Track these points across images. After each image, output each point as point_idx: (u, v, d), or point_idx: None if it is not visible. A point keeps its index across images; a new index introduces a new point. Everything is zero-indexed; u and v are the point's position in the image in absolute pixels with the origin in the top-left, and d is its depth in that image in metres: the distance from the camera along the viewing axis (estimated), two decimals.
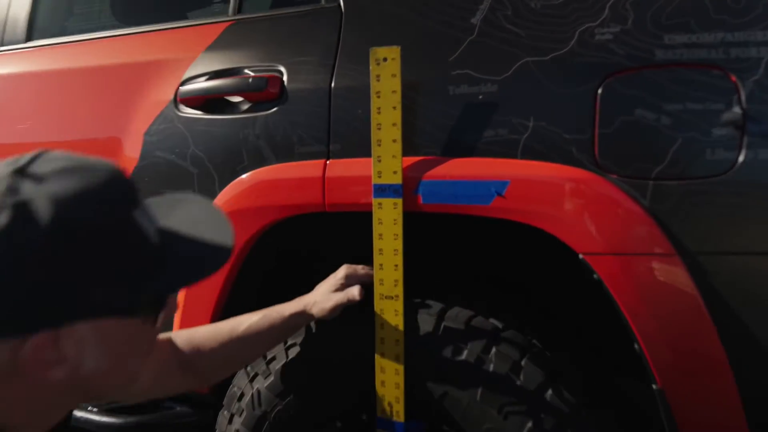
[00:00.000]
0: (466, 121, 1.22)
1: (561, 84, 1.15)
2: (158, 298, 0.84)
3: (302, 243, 1.60)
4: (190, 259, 0.85)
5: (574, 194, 1.13)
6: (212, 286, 1.47)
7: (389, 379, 1.29)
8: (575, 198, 1.13)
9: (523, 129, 1.17)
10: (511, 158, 1.18)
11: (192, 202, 0.96)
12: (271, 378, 1.39)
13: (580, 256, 1.14)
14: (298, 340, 1.38)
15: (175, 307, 0.92)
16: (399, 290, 1.26)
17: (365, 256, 1.30)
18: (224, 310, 1.50)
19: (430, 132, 1.25)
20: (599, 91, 1.12)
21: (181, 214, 0.90)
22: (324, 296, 1.27)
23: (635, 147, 1.11)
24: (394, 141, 1.22)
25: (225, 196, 1.44)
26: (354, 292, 1.25)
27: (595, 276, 1.13)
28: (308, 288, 1.35)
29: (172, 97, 1.53)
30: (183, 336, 1.26)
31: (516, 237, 1.49)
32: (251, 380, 1.42)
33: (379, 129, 1.23)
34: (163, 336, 1.24)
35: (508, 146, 1.18)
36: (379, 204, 1.25)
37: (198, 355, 1.24)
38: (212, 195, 1.46)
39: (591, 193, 1.12)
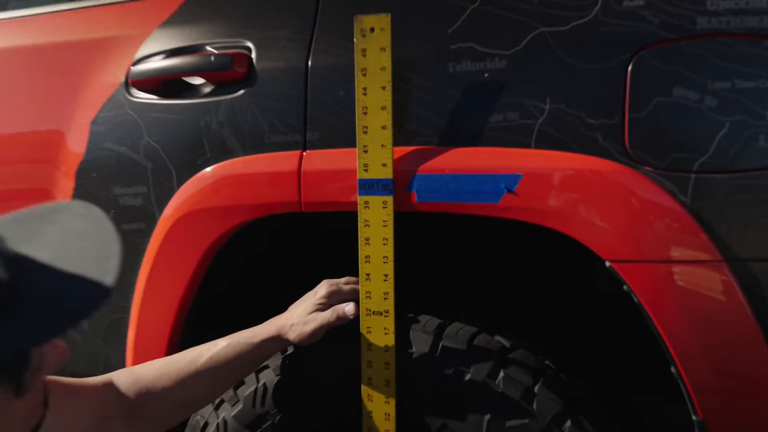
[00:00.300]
0: (469, 104, 1.02)
1: (583, 59, 0.97)
2: (11, 356, 0.62)
3: (275, 249, 1.39)
4: (52, 299, 0.62)
5: (600, 190, 0.95)
6: (169, 302, 1.26)
7: (378, 409, 1.09)
8: (601, 195, 0.95)
9: (537, 113, 0.98)
10: (523, 148, 0.99)
11: (66, 217, 0.72)
12: (240, 406, 1.19)
13: (607, 263, 0.95)
14: (272, 362, 1.18)
15: (50, 366, 0.70)
16: (389, 305, 1.07)
17: (350, 265, 1.11)
18: (184, 331, 1.29)
19: (426, 117, 1.05)
20: (629, 67, 0.94)
21: (48, 236, 0.67)
22: (302, 317, 1.07)
23: (673, 134, 0.93)
24: (384, 128, 1.03)
25: (184, 193, 1.23)
26: (345, 309, 1.06)
27: (624, 287, 0.95)
28: (284, 301, 1.15)
29: (122, 79, 1.32)
30: (126, 376, 1.05)
31: (522, 239, 1.31)
32: (216, 408, 1.22)
33: (365, 113, 1.04)
34: (98, 379, 1.03)
35: (519, 133, 0.99)
36: (366, 203, 1.05)
37: (148, 397, 1.03)
38: (169, 192, 1.25)
39: (620, 189, 0.94)
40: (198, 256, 1.23)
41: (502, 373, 1.05)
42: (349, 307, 1.06)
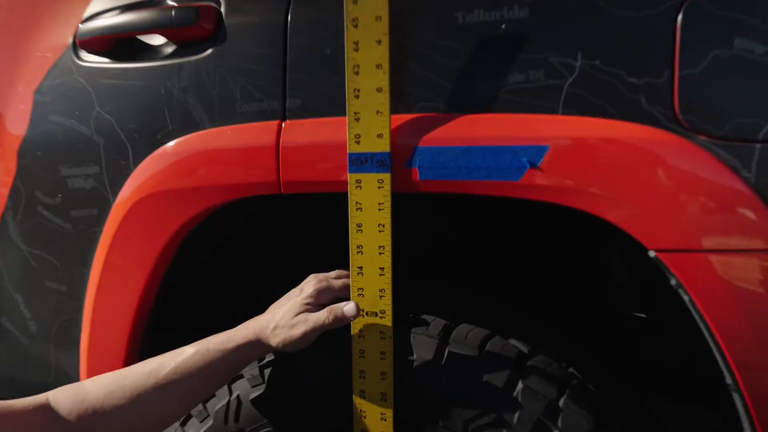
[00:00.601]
0: (482, 62, 0.85)
1: (623, 4, 0.79)
2: None
3: (251, 237, 1.21)
4: None
5: (644, 164, 0.78)
6: (127, 300, 1.08)
7: (373, 427, 0.92)
8: (645, 170, 0.78)
9: (566, 71, 0.81)
10: (549, 113, 0.82)
11: None
12: (210, 422, 1.01)
13: (652, 253, 0.78)
14: (247, 371, 1.00)
15: None
16: (386, 303, 0.89)
17: (340, 257, 0.93)
18: (146, 334, 1.11)
19: (430, 78, 0.87)
20: (680, 13, 0.77)
21: None
22: (287, 319, 0.89)
23: (734, 95, 0.76)
24: (379, 90, 0.85)
25: (142, 173, 1.04)
26: (344, 309, 0.89)
27: (672, 281, 0.78)
28: (265, 301, 0.97)
29: (69, 41, 1.13)
30: (68, 395, 0.86)
31: (528, 223, 1.15)
32: (183, 424, 1.04)
33: (357, 73, 0.86)
34: (29, 401, 0.84)
35: (544, 96, 0.82)
36: (357, 182, 0.87)
37: (96, 419, 0.85)
38: (124, 172, 1.07)
39: (668, 163, 0.77)
40: (159, 246, 1.04)
41: (520, 385, 0.88)
42: (349, 307, 0.89)
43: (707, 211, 0.76)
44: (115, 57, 1.09)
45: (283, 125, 0.94)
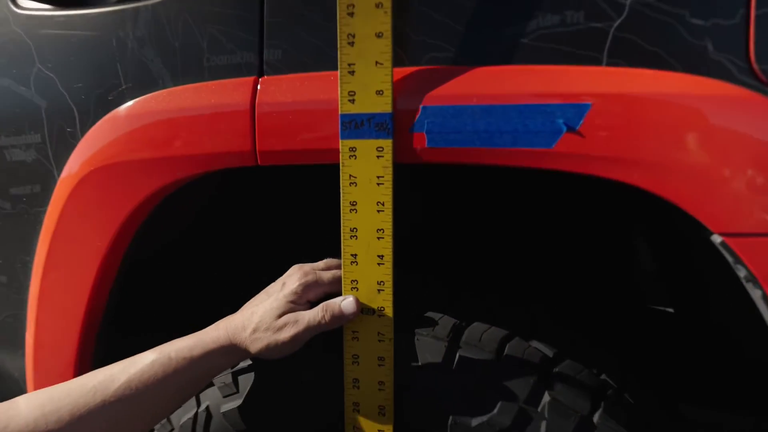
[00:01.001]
0: (507, 0, 0.68)
1: None
2: None
3: (225, 217, 1.05)
4: None
5: (711, 128, 0.62)
6: (77, 292, 0.91)
7: None
8: (712, 134, 0.62)
9: (612, 11, 0.65)
10: (590, 64, 0.66)
11: None
12: None
13: (717, 238, 0.63)
14: (218, 380, 0.84)
15: None
16: (386, 299, 0.74)
17: (329, 242, 0.77)
18: (101, 333, 0.94)
19: (441, 21, 0.71)
20: None
21: None
22: (269, 320, 0.74)
23: None
24: (380, 36, 0.68)
25: (91, 142, 0.87)
26: (342, 305, 0.74)
27: (742, 273, 0.63)
28: (240, 296, 0.81)
29: None
30: None
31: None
32: None
33: (351, 15, 0.69)
34: None
35: (585, 43, 0.66)
36: (352, 150, 0.71)
37: None
38: (71, 141, 0.89)
39: (741, 124, 0.61)
40: (113, 229, 0.88)
41: (547, 397, 0.73)
42: (347, 302, 0.73)
43: None
44: (58, 2, 0.91)
45: (259, 82, 0.78)
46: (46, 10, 0.91)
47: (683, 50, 0.63)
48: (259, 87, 0.77)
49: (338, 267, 0.79)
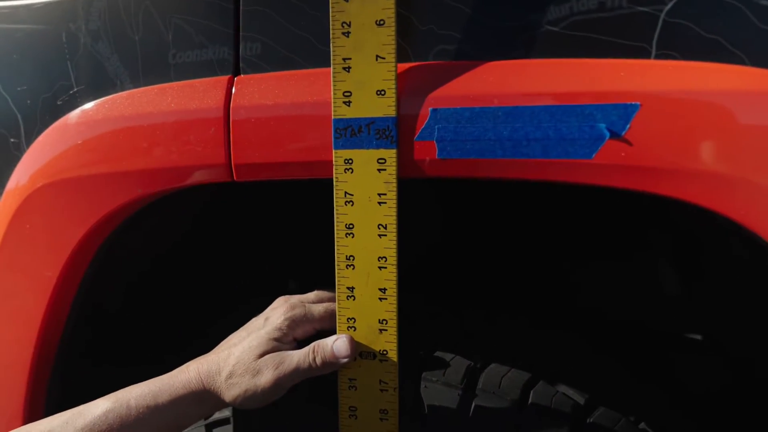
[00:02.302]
0: None
1: None
2: None
3: (197, 240, 0.92)
4: None
5: None
6: (25, 324, 0.78)
7: None
8: None
9: None
10: (637, 56, 0.54)
11: None
12: None
13: None
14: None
15: None
16: (388, 340, 0.61)
17: (321, 271, 0.65)
18: (56, 370, 0.81)
19: (450, 5, 0.59)
20: None
21: None
22: (247, 362, 0.62)
23: None
24: (381, 24, 0.56)
25: (38, 154, 0.74)
26: (335, 345, 0.62)
27: None
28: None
29: None
30: None
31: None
32: None
33: (347, 0, 0.57)
34: None
35: (629, 31, 0.55)
36: (347, 162, 0.59)
37: None
38: (14, 153, 0.76)
39: None
40: (65, 253, 0.75)
41: None
42: (340, 342, 0.62)
43: None
44: None
45: (234, 82, 0.65)
46: None
47: (750, 39, 0.52)
48: (234, 88, 0.65)
49: (331, 300, 0.67)
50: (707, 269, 0.93)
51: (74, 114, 0.72)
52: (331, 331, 0.64)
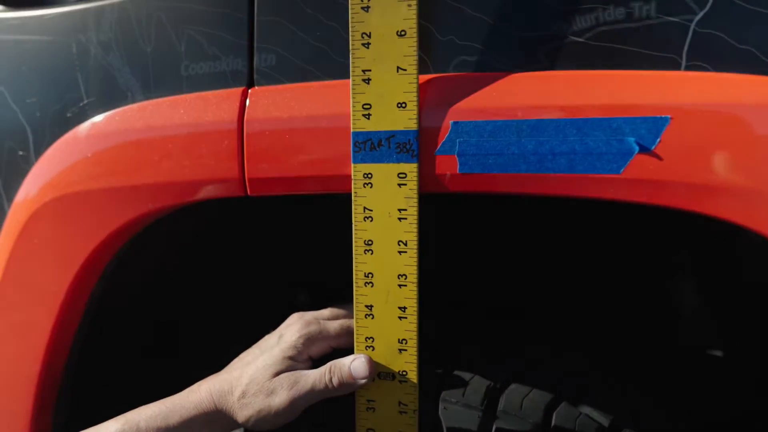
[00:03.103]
0: None
1: None
2: None
3: (210, 256, 0.90)
4: None
5: None
6: (32, 344, 0.76)
7: None
8: None
9: (693, 1, 0.52)
10: (666, 67, 0.53)
11: None
12: None
13: None
14: None
15: None
16: (408, 360, 0.60)
17: (339, 288, 0.64)
18: (63, 391, 0.79)
19: (471, 15, 0.57)
20: None
21: None
22: (261, 381, 0.60)
23: None
24: (402, 35, 0.55)
25: (46, 168, 0.73)
26: (352, 366, 0.60)
27: None
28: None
29: None
30: None
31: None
32: None
33: (367, 9, 0.55)
34: None
35: (658, 41, 0.53)
36: (367, 176, 0.57)
37: None
38: (23, 166, 0.75)
39: None
40: (72, 271, 0.73)
41: None
42: (358, 363, 0.60)
43: None
44: (8, 1, 0.77)
45: (248, 94, 0.64)
46: None
47: None
48: (248, 100, 0.64)
49: (347, 316, 0.65)
50: (731, 287, 0.91)
51: (84, 127, 0.71)
52: (348, 349, 0.62)
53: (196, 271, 0.91)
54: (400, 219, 0.57)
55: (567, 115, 0.53)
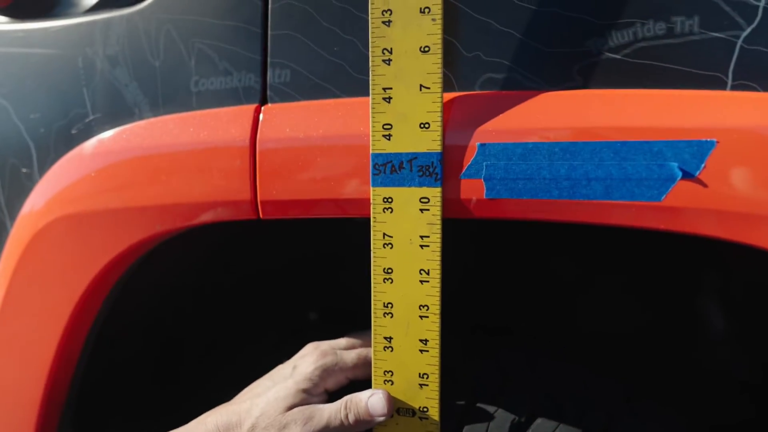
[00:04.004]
0: (590, 3, 0.52)
1: None
2: None
3: (220, 280, 0.87)
4: None
5: None
6: (33, 370, 0.73)
7: None
8: None
9: (739, 16, 0.48)
10: (710, 87, 0.49)
11: None
12: None
13: None
14: None
15: None
16: (429, 396, 0.56)
17: (355, 316, 0.60)
18: (64, 420, 0.76)
19: (499, 30, 0.54)
20: None
21: None
22: (273, 414, 0.57)
23: None
24: (425, 51, 0.51)
25: (50, 186, 0.70)
26: (370, 401, 0.57)
27: None
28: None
29: None
30: None
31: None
32: None
33: (388, 24, 0.52)
34: None
35: (701, 58, 0.49)
36: (387, 200, 0.54)
37: None
38: (27, 182, 0.72)
39: None
40: (78, 292, 0.70)
41: None
42: (376, 399, 0.56)
43: None
44: (13, 13, 0.74)
45: (261, 111, 0.61)
46: (1, 24, 0.74)
47: None
48: (261, 118, 0.60)
49: (364, 345, 0.61)
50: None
51: (90, 143, 0.68)
52: (365, 382, 0.59)
53: (203, 293, 0.88)
54: (421, 246, 0.53)
55: (603, 138, 0.50)
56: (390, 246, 0.54)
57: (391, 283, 0.54)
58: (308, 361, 0.60)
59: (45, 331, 0.72)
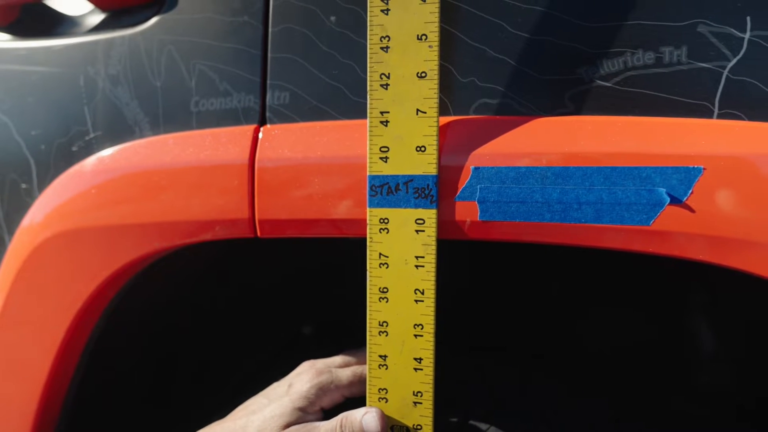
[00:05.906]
0: (584, 32, 0.53)
1: None
2: None
3: (219, 297, 0.88)
4: None
5: None
6: (28, 385, 0.73)
7: None
8: None
9: (725, 47, 0.50)
10: (697, 115, 0.51)
11: None
12: None
13: None
14: None
15: None
16: (423, 414, 0.57)
17: (350, 334, 0.61)
18: (60, 426, 0.76)
19: (493, 57, 0.55)
20: None
21: None
22: (270, 430, 0.58)
23: None
24: (422, 76, 0.53)
25: (50, 202, 0.71)
26: (364, 419, 0.57)
27: None
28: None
29: None
30: None
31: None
32: None
33: (386, 49, 0.53)
34: None
35: (689, 88, 0.51)
36: (383, 221, 0.55)
37: None
38: (27, 198, 0.73)
39: None
40: (74, 308, 0.70)
41: None
42: (370, 417, 0.56)
43: None
44: (16, 32, 0.75)
45: (260, 132, 0.62)
46: (3, 42, 0.75)
47: None
48: (260, 138, 0.62)
49: (359, 363, 0.62)
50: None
51: (90, 161, 0.69)
52: (360, 399, 0.60)
53: (199, 310, 0.88)
54: (417, 266, 0.54)
55: (594, 163, 0.51)
56: (386, 266, 0.55)
57: (387, 302, 0.55)
58: (304, 379, 0.60)
59: (41, 345, 0.72)
